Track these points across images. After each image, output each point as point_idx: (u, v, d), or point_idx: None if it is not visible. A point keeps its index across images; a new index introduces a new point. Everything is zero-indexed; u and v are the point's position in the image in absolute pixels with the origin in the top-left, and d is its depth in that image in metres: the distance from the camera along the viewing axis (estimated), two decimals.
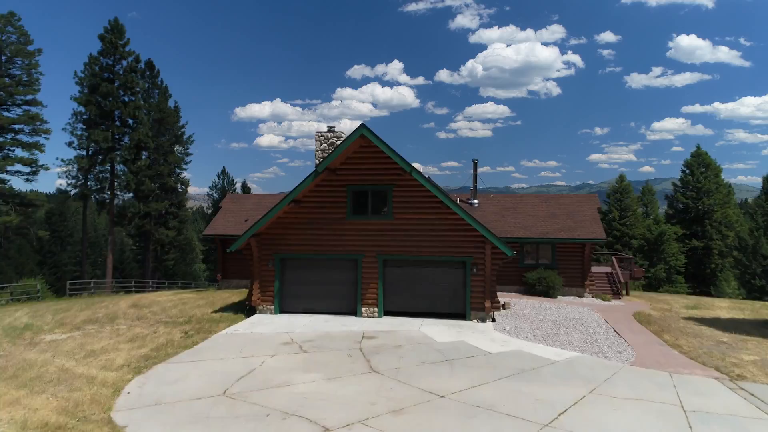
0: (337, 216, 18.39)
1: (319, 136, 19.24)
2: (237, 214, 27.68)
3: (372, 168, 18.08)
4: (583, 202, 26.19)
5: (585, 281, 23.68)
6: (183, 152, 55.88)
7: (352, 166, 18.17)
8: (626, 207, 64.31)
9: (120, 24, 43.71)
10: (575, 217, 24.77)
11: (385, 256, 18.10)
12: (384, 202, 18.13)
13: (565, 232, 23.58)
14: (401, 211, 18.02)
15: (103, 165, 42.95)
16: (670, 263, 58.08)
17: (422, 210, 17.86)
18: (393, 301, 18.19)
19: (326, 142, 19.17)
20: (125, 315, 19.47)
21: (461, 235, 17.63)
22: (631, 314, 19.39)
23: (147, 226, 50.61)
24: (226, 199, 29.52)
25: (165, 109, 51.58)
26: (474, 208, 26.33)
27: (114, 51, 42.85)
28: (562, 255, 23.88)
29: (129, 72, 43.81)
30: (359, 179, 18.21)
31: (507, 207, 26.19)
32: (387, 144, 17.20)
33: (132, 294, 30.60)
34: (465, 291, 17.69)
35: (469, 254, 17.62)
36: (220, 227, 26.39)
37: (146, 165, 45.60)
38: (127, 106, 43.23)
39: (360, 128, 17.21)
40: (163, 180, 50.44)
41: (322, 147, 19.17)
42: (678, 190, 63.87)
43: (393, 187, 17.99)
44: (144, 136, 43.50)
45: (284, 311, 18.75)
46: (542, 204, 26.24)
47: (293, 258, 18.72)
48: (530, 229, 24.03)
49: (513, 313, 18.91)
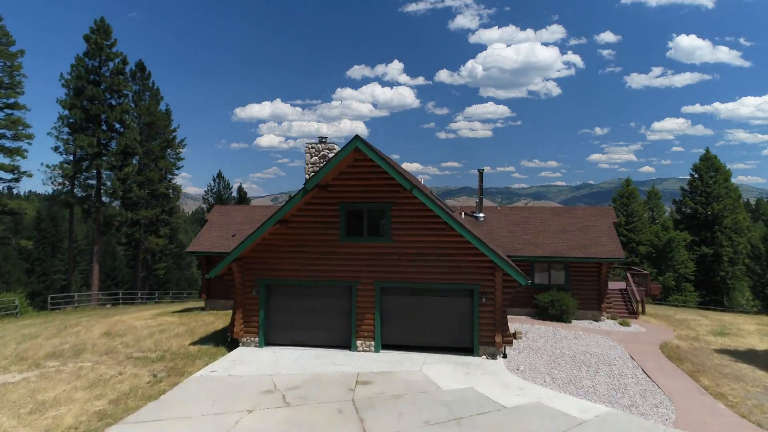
0: (328, 238, 16.43)
1: (310, 148, 17.27)
2: (224, 229, 25.71)
3: (368, 184, 16.13)
4: (597, 215, 24.22)
5: (602, 304, 21.72)
6: (175, 157, 54.00)
7: (345, 182, 16.22)
8: (632, 212, 62.45)
9: (106, 24, 41.75)
10: (589, 233, 22.82)
11: (383, 282, 16.15)
12: (381, 222, 16.18)
13: (579, 250, 21.62)
14: (401, 232, 16.06)
15: (89, 171, 40.96)
16: (679, 271, 56.16)
17: (424, 231, 15.91)
18: (391, 333, 16.24)
19: (317, 154, 17.21)
20: (94, 347, 17.50)
21: (468, 260, 15.68)
22: (657, 346, 17.43)
23: (136, 235, 48.70)
24: (212, 212, 27.54)
25: (155, 113, 49.67)
26: (480, 223, 24.37)
27: (100, 52, 40.89)
28: (577, 275, 21.93)
29: (116, 74, 41.83)
30: (353, 197, 16.26)
31: (516, 221, 24.21)
32: (385, 158, 15.25)
33: (112, 313, 28.64)
34: (472, 323, 15.73)
35: (477, 282, 15.67)
36: (205, 243, 24.42)
37: (135, 171, 43.65)
38: (114, 110, 41.26)
39: (354, 140, 15.26)
40: (153, 186, 48.51)
41: (312, 160, 17.20)
42: (686, 194, 61.97)
43: (391, 206, 16.04)
44: (131, 141, 41.54)
45: (270, 343, 16.79)
46: (553, 218, 24.27)
47: (280, 284, 16.76)
48: (541, 246, 22.07)
49: (526, 346, 16.95)
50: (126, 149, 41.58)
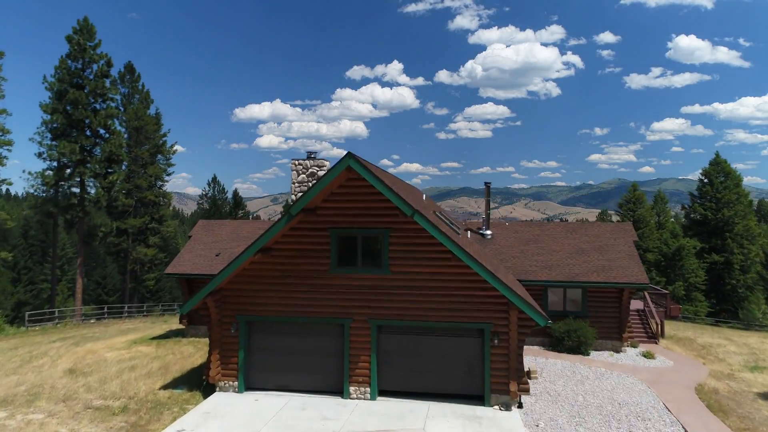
0: (317, 268, 14.35)
1: (297, 165, 15.18)
2: (208, 247, 23.61)
3: (362, 207, 14.05)
4: (615, 233, 22.13)
5: (623, 333, 19.63)
6: (165, 162, 51.88)
7: (336, 204, 14.14)
8: (639, 218, 60.49)
9: (90, 24, 39.64)
10: (608, 254, 20.74)
11: (380, 320, 14.07)
12: (378, 250, 14.10)
13: (598, 273, 19.53)
14: (400, 262, 13.99)
15: (72, 180, 38.84)
16: (689, 280, 54.15)
17: (427, 262, 13.84)
18: (390, 378, 14.17)
19: (305, 172, 15.13)
20: (53, 390, 15.39)
21: (478, 296, 13.61)
22: (692, 389, 15.35)
23: (124, 245, 46.54)
24: (196, 228, 25.41)
25: (144, 117, 47.51)
26: (488, 241, 22.29)
27: (83, 54, 38.78)
28: (595, 301, 19.86)
29: (100, 77, 39.73)
30: (346, 221, 14.17)
31: (527, 239, 22.12)
32: (381, 178, 13.16)
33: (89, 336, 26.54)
34: (483, 367, 13.66)
35: (488, 320, 13.59)
36: (186, 264, 22.31)
37: (121, 178, 41.56)
38: (98, 115, 39.16)
39: (345, 158, 13.18)
40: (141, 194, 46.38)
41: (300, 179, 15.12)
42: (695, 200, 59.97)
43: (389, 232, 13.96)
44: (116, 148, 39.45)
45: (252, 388, 14.70)
46: (568, 236, 22.18)
47: (263, 321, 14.68)
48: (556, 269, 19.98)
49: (543, 390, 14.87)
50: (111, 156, 39.49)
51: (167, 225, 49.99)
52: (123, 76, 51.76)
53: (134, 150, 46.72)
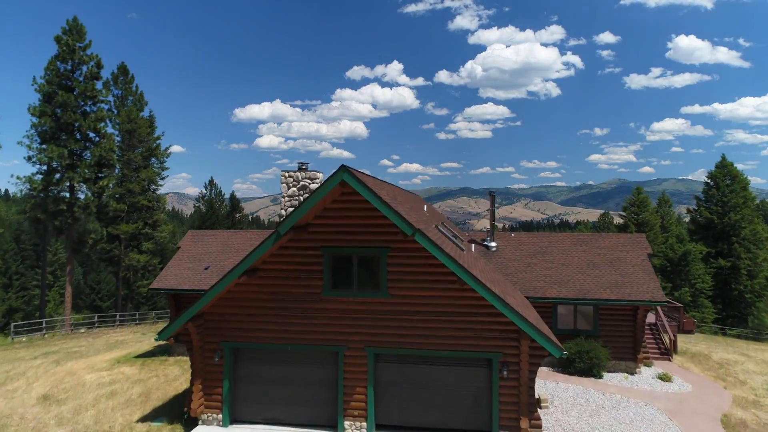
0: (309, 291, 13.11)
1: (287, 177, 13.95)
2: (197, 259, 22.35)
3: (358, 224, 12.81)
4: (628, 245, 20.87)
5: (638, 354, 18.37)
6: (159, 166, 50.65)
7: (329, 221, 12.90)
8: (644, 222, 59.31)
9: (80, 24, 38.35)
10: (621, 268, 19.49)
11: (378, 348, 12.83)
12: (375, 272, 12.85)
13: (611, 290, 18.28)
14: (400, 285, 12.75)
15: (61, 185, 37.55)
16: (696, 286, 52.94)
17: (430, 285, 12.60)
18: (388, 412, 12.92)
19: (296, 184, 13.90)
20: (21, 421, 14.15)
21: (485, 322, 12.38)
22: (717, 420, 14.11)
23: (116, 251, 45.29)
24: (186, 238, 24.14)
25: (136, 119, 46.28)
26: (492, 253, 21.04)
27: (72, 55, 37.48)
28: (608, 319, 18.61)
29: (89, 79, 38.43)
30: (340, 240, 12.93)
31: (533, 252, 20.87)
32: (380, 196, 11.91)
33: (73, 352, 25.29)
34: (491, 400, 12.42)
35: (496, 349, 12.36)
36: (172, 278, 21.05)
37: (112, 183, 40.31)
38: (88, 118, 37.86)
39: (339, 172, 11.94)
40: (134, 198, 45.12)
41: (290, 192, 13.89)
42: (701, 204, 58.75)
43: (388, 252, 12.72)
44: (106, 152, 38.15)
45: (237, 420, 13.46)
46: (577, 248, 20.92)
47: (249, 348, 13.44)
48: (566, 285, 18.73)
49: (555, 422, 13.62)
50: (101, 160, 38.21)
51: (161, 230, 48.75)
52: (116, 78, 50.54)
53: (127, 153, 45.50)
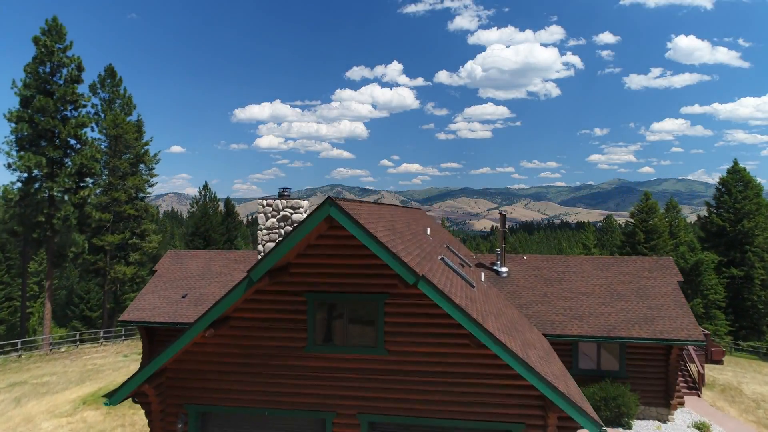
0: (290, 344, 10.89)
1: (265, 205, 11.71)
2: (175, 285, 20.12)
3: (349, 265, 10.60)
4: (655, 270, 18.65)
5: (671, 399, 16.17)
6: (148, 173, 48.43)
7: (315, 260, 10.68)
8: (652, 229, 57.24)
9: (59, 24, 36.12)
10: (649, 298, 17.28)
11: (373, 416, 10.62)
12: (370, 323, 10.64)
13: (640, 326, 16.08)
14: (400, 339, 10.54)
15: (39, 195, 35.32)
16: (709, 297, 50.80)
17: (436, 340, 10.39)
18: None
19: (276, 215, 11.67)
20: None
21: (504, 386, 10.17)
22: None
23: (100, 263, 43.08)
24: (163, 260, 21.90)
25: (123, 124, 44.06)
26: (503, 279, 18.84)
27: (50, 57, 35.26)
28: (636, 359, 16.43)
29: (70, 82, 36.21)
30: (328, 283, 10.71)
31: (549, 278, 18.66)
32: (374, 236, 9.68)
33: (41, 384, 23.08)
34: None
35: (517, 420, 10.15)
36: (145, 308, 18.83)
37: (95, 193, 38.10)
38: (68, 124, 35.64)
39: (325, 206, 9.72)
40: (119, 208, 42.91)
41: (268, 224, 11.66)
42: (713, 211, 56.63)
43: (386, 299, 10.51)
44: (88, 160, 35.92)
45: None
46: (599, 273, 18.70)
47: (219, 413, 11.22)
48: (588, 319, 16.53)
49: None
50: (82, 169, 35.98)
51: (150, 240, 46.52)
52: (103, 80, 48.42)
53: (112, 160, 43.28)
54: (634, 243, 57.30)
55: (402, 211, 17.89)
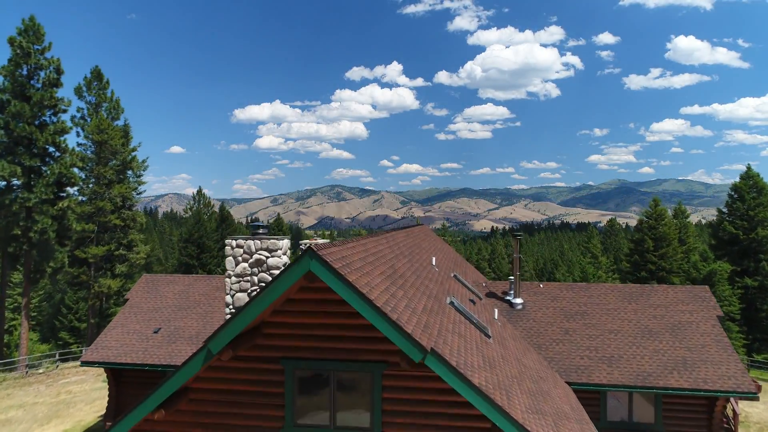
0: (264, 424, 8.66)
1: (234, 247, 9.47)
2: (147, 317, 17.89)
3: (338, 325, 8.38)
4: (690, 303, 16.43)
5: None
6: (136, 180, 46.16)
7: (295, 319, 8.47)
8: (661, 236, 55.17)
9: (37, 24, 33.90)
10: (686, 337, 15.07)
11: None
12: (364, 398, 8.42)
13: (678, 373, 13.87)
14: (401, 421, 8.30)
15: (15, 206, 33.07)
16: (723, 309, 48.64)
17: (448, 423, 8.16)
18: None
19: (248, 257, 9.44)
20: None
21: None
22: None
23: (84, 277, 40.79)
24: (137, 286, 19.64)
25: (108, 129, 41.76)
26: (517, 312, 16.61)
27: (27, 59, 33.05)
28: (674, 410, 14.19)
29: (48, 86, 33.99)
30: (310, 348, 8.49)
31: (570, 311, 16.43)
32: (368, 299, 7.45)
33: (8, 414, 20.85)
34: None
35: None
36: (112, 345, 16.61)
37: (75, 203, 35.87)
38: (45, 130, 33.42)
39: (304, 259, 7.50)
40: (104, 218, 40.62)
41: (238, 269, 9.42)
42: (725, 218, 54.49)
43: (384, 369, 8.29)
44: (67, 168, 33.70)
45: None
46: (625, 306, 16.47)
47: None
48: (618, 363, 14.32)
49: None
50: (61, 179, 33.76)
51: (137, 251, 44.23)
52: (89, 83, 46.13)
53: (96, 168, 41.02)
54: (643, 251, 55.26)
55: (403, 236, 15.68)
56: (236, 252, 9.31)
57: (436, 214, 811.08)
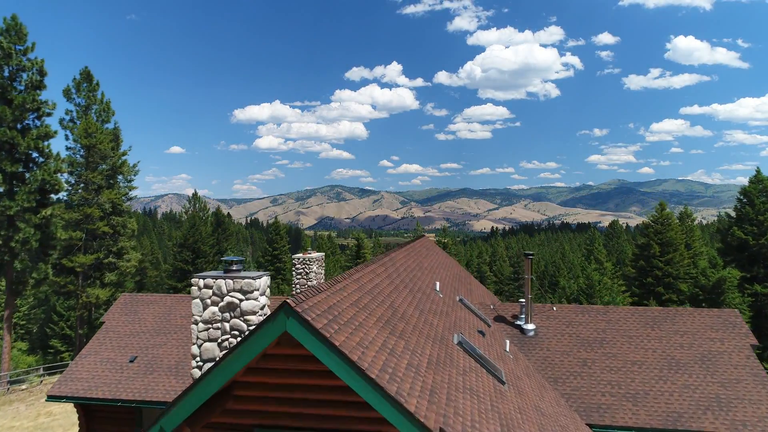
0: None
1: (201, 287, 7.91)
2: (123, 343, 16.33)
3: (321, 387, 6.84)
4: (719, 329, 14.89)
5: None
6: (127, 185, 44.60)
7: (272, 378, 6.93)
8: (668, 241, 53.73)
9: (19, 23, 32.33)
10: (718, 370, 13.53)
11: None
12: None
13: (714, 414, 12.32)
14: None
15: None
16: None
17: None
18: None
19: (218, 300, 7.87)
20: None
21: None
22: None
23: (71, 286, 39.23)
24: (114, 307, 18.05)
25: (96, 133, 40.20)
26: (529, 339, 15.06)
27: (8, 60, 31.50)
28: None
29: (31, 88, 32.45)
30: (289, 415, 6.96)
31: (587, 339, 14.88)
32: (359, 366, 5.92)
33: None
34: None
35: None
36: (82, 377, 15.06)
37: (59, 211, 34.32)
38: (28, 135, 31.88)
39: (281, 316, 5.96)
40: (92, 225, 39.07)
41: (206, 314, 7.84)
42: (734, 223, 53.04)
43: None
44: (50, 175, 32.16)
45: None
46: (648, 332, 14.92)
47: None
48: (644, 401, 12.77)
49: None
50: (44, 186, 32.21)
51: (128, 259, 42.66)
52: (78, 85, 44.51)
53: (84, 174, 39.45)
54: (649, 256, 53.81)
55: (403, 257, 14.15)
56: (204, 294, 7.76)
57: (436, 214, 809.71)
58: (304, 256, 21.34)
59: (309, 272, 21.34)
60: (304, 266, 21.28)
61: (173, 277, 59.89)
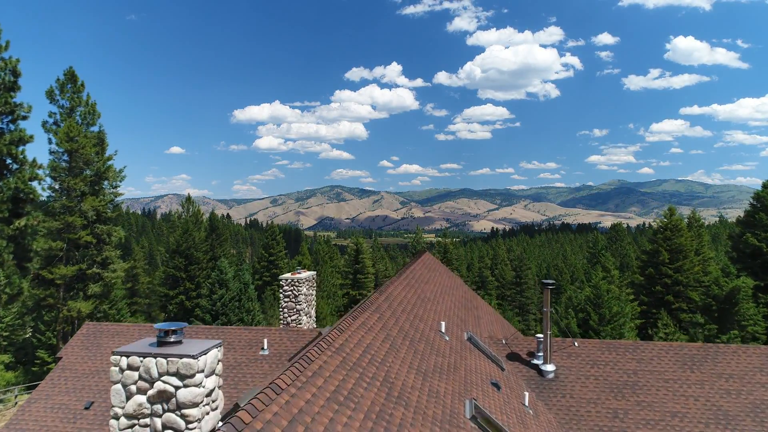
0: None
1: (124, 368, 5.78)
2: (80, 385, 14.19)
3: None
4: (762, 368, 12.77)
5: None
6: (112, 192, 42.45)
7: None
8: (677, 248, 51.69)
9: None
10: None
11: None
12: None
13: None
14: None
15: None
16: (747, 328, 45.13)
17: None
18: None
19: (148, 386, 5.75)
20: None
21: None
22: None
23: (50, 300, 37.11)
24: (74, 339, 15.88)
25: (79, 137, 38.09)
26: (549, 382, 12.92)
27: None
28: None
29: (3, 90, 30.34)
30: None
31: (616, 383, 12.75)
32: None
33: None
34: None
35: None
36: (28, 429, 12.97)
37: (35, 222, 32.21)
38: (0, 140, 29.77)
39: None
40: (74, 234, 36.93)
41: (130, 405, 5.68)
42: (746, 230, 51.01)
43: None
44: (24, 183, 30.04)
45: None
46: (686, 375, 12.79)
47: None
48: None
49: None
50: (18, 194, 30.08)
51: (113, 269, 40.51)
52: (63, 86, 42.37)
53: (66, 180, 37.32)
54: (658, 263, 51.77)
55: (402, 289, 12.01)
56: (127, 377, 5.62)
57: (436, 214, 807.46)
58: (293, 277, 19.25)
59: (298, 294, 19.25)
60: (292, 288, 19.19)
61: (165, 284, 57.78)
